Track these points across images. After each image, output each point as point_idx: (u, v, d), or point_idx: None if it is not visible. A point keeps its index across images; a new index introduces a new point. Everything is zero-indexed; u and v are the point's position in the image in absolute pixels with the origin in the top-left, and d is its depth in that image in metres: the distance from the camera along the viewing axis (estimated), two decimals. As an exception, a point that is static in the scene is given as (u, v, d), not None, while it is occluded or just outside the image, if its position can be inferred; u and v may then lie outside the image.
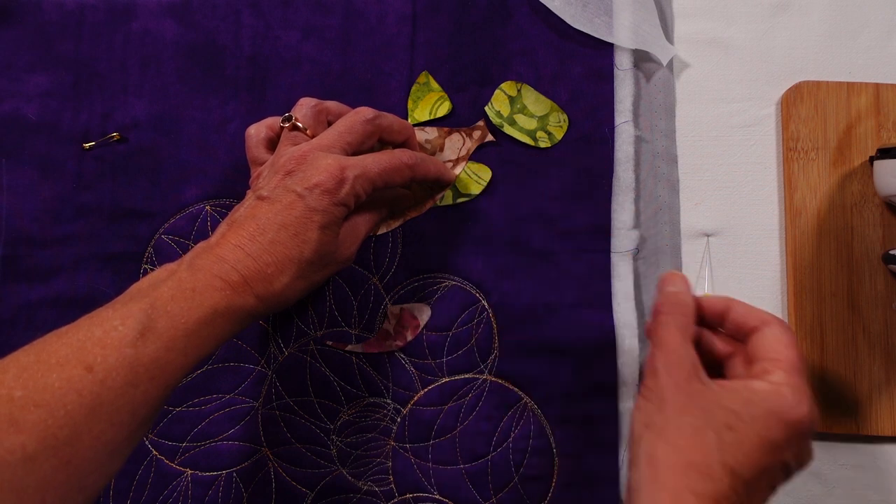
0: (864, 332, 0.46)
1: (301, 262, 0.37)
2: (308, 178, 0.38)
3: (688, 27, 0.50)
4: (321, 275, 0.40)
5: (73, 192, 0.47)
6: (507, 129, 0.48)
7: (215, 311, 0.35)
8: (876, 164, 0.45)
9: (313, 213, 0.37)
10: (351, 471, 0.46)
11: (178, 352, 0.34)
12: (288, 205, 0.37)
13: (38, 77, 0.48)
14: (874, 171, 0.45)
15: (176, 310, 0.34)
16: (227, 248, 0.36)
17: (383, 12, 0.49)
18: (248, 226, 0.37)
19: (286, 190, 0.38)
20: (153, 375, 0.33)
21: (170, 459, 0.46)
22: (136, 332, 0.32)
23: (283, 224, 0.37)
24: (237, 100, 0.48)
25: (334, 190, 0.38)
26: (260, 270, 0.36)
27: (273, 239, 0.37)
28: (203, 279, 0.35)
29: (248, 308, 0.36)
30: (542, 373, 0.46)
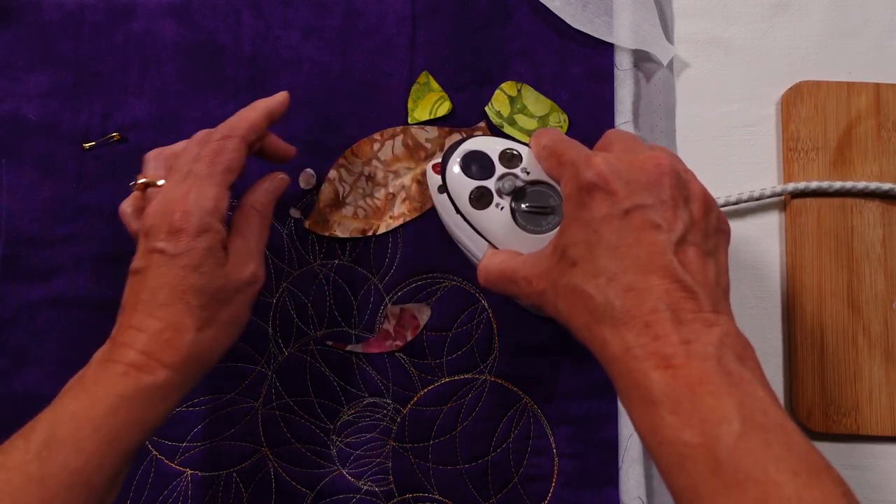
0: (864, 332, 0.46)
1: (192, 312, 0.35)
2: (160, 228, 0.36)
3: (688, 27, 0.50)
4: (231, 311, 0.37)
5: (73, 192, 0.47)
6: (507, 129, 0.48)
7: (122, 397, 0.33)
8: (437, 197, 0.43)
9: (178, 260, 0.35)
10: (351, 471, 0.46)
11: (92, 453, 0.32)
12: (154, 265, 0.36)
13: (38, 77, 0.48)
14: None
15: (79, 409, 0.33)
16: (121, 331, 0.36)
17: (383, 12, 0.49)
18: (130, 303, 0.36)
19: (148, 252, 0.36)
20: (69, 483, 0.31)
21: (170, 459, 0.46)
22: (39, 446, 0.32)
23: (157, 286, 0.36)
24: (237, 100, 0.48)
25: (182, 226, 0.36)
26: (155, 339, 0.35)
27: (154, 304, 0.35)
28: (103, 369, 0.34)
29: (160, 383, 0.34)
30: (542, 373, 0.46)
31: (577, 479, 0.45)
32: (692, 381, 0.29)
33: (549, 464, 0.46)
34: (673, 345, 0.30)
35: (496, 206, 0.40)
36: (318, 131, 0.48)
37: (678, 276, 0.31)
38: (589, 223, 0.33)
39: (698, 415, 0.29)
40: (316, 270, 0.47)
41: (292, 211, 0.47)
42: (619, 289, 0.32)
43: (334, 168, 0.48)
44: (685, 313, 0.31)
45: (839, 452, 0.46)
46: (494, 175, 0.40)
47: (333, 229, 0.47)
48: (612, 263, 0.32)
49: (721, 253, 0.34)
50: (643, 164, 0.34)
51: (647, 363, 0.30)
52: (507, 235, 0.39)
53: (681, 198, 0.34)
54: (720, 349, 0.30)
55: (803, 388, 0.46)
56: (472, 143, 0.41)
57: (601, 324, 0.32)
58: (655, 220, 0.32)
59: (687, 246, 0.33)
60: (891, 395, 0.46)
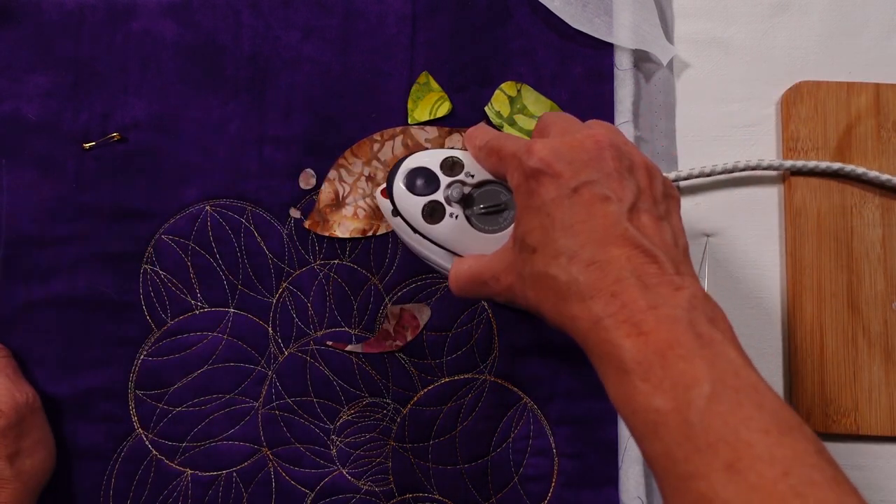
0: (863, 332, 0.46)
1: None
2: None
3: (688, 27, 0.50)
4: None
5: (73, 192, 0.47)
6: (508, 129, 0.48)
7: None
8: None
9: None
10: (351, 471, 0.46)
11: None
12: None
13: (38, 77, 0.48)
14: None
15: None
16: None
17: (383, 12, 0.49)
18: None
19: None
20: None
21: (170, 459, 0.46)
22: None
23: None
24: (237, 100, 0.48)
25: None
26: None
27: None
28: None
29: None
30: (542, 373, 0.46)
31: (577, 479, 0.45)
32: (662, 346, 0.29)
33: (549, 464, 0.46)
34: (641, 310, 0.30)
35: (450, 216, 0.40)
36: (318, 131, 0.48)
37: (637, 241, 0.32)
38: (540, 208, 0.33)
39: (669, 380, 0.29)
40: (316, 270, 0.47)
41: (292, 211, 0.48)
42: (580, 265, 0.32)
43: (334, 168, 0.48)
44: (650, 277, 0.31)
45: (839, 452, 0.46)
46: (441, 186, 0.40)
47: (333, 229, 0.47)
48: (570, 242, 0.32)
49: (674, 216, 0.35)
50: (582, 142, 0.34)
51: (618, 332, 0.30)
52: (468, 242, 0.39)
53: (624, 168, 0.34)
54: (690, 312, 0.30)
55: (803, 388, 0.46)
56: (412, 160, 0.41)
57: (568, 302, 0.32)
58: (604, 192, 0.33)
59: (639, 212, 0.33)
60: (890, 395, 0.46)
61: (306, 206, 0.48)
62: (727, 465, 0.27)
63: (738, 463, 0.27)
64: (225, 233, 0.47)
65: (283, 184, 0.48)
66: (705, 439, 0.27)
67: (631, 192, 0.33)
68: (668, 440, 0.28)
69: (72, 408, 0.46)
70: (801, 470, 0.27)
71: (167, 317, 0.47)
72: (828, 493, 0.26)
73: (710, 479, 0.27)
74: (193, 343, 0.47)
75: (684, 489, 0.28)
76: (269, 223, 0.47)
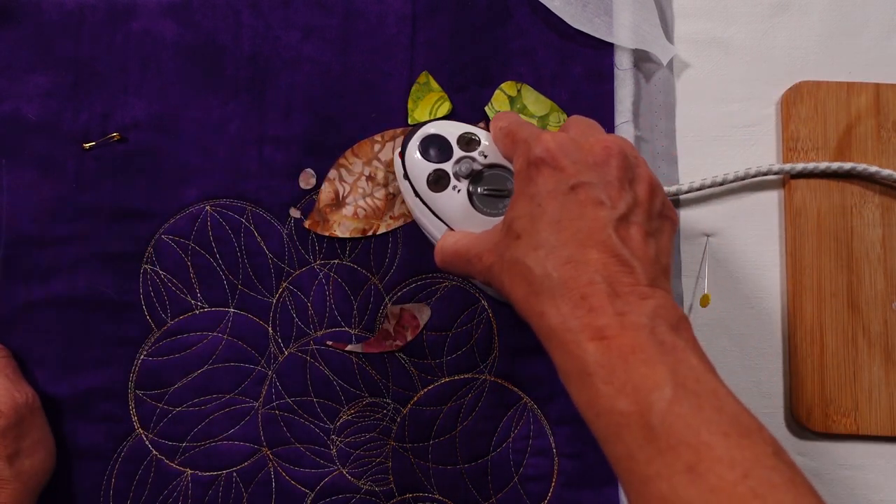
0: (863, 332, 0.46)
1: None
2: None
3: (688, 27, 0.50)
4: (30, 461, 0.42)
5: (73, 192, 0.47)
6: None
7: None
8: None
9: None
10: (351, 471, 0.46)
11: None
12: None
13: (38, 77, 0.48)
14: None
15: None
16: None
17: (383, 12, 0.49)
18: None
19: None
20: None
21: (170, 459, 0.46)
22: None
23: None
24: (237, 100, 0.48)
25: None
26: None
27: None
28: None
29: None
30: (542, 373, 0.46)
31: (577, 478, 0.45)
32: (625, 351, 0.30)
33: (549, 464, 0.46)
34: (608, 316, 0.31)
35: (453, 189, 0.40)
36: (318, 131, 0.48)
37: (616, 250, 0.32)
38: (534, 197, 0.34)
39: (631, 383, 0.29)
40: (316, 270, 0.47)
41: (292, 211, 0.48)
42: (557, 261, 0.32)
43: (334, 168, 0.48)
44: (621, 286, 0.31)
45: (839, 452, 0.46)
46: (452, 158, 0.41)
47: (333, 229, 0.47)
48: (553, 236, 0.33)
49: (664, 236, 0.35)
50: (592, 145, 0.35)
51: (583, 335, 0.31)
52: (463, 217, 0.40)
53: (626, 179, 0.34)
54: (653, 319, 0.31)
55: (803, 388, 0.46)
56: (431, 126, 0.42)
57: (539, 296, 0.32)
58: (600, 197, 0.33)
59: (629, 224, 0.33)
60: (890, 395, 0.46)
61: (306, 206, 0.48)
62: (688, 467, 0.27)
63: (699, 465, 0.27)
64: (225, 233, 0.47)
65: (283, 184, 0.48)
66: (666, 442, 0.28)
67: (626, 203, 0.33)
68: (630, 442, 0.29)
69: (72, 408, 0.46)
70: (760, 472, 0.27)
71: (167, 317, 0.47)
72: (785, 494, 0.27)
73: (672, 481, 0.28)
74: (193, 343, 0.47)
75: (646, 492, 0.28)
76: (269, 223, 0.47)
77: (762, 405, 0.47)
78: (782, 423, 0.47)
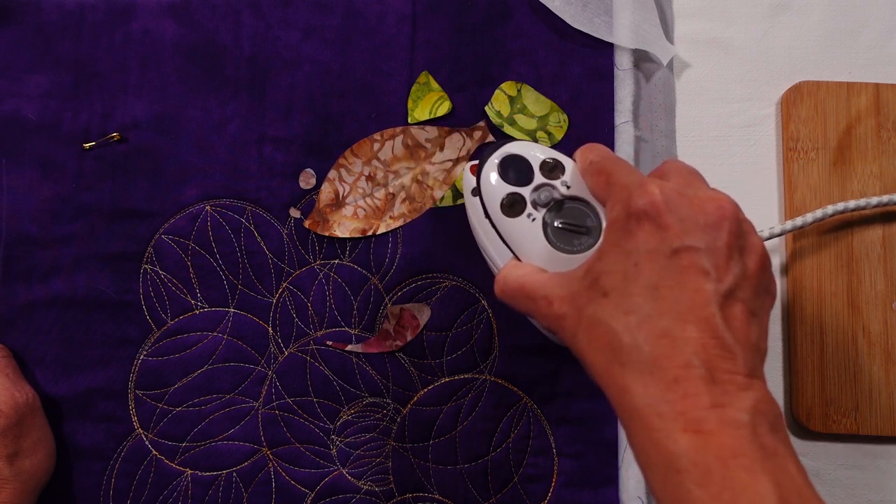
0: (863, 332, 0.46)
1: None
2: None
3: (688, 27, 0.50)
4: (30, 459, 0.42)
5: (73, 192, 0.47)
6: (508, 129, 0.48)
7: None
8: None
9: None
10: (351, 471, 0.46)
11: None
12: None
13: (38, 77, 0.48)
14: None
15: None
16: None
17: (383, 12, 0.49)
18: None
19: None
20: None
21: (170, 459, 0.46)
22: None
23: None
24: (237, 100, 0.48)
25: None
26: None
27: None
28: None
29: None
30: (542, 373, 0.46)
31: (576, 479, 0.45)
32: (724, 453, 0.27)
33: (548, 464, 0.46)
34: (704, 407, 0.27)
35: (528, 217, 0.37)
36: (318, 131, 0.48)
37: (719, 331, 0.29)
38: (631, 254, 0.31)
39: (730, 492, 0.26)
40: (316, 270, 0.47)
41: (292, 211, 0.48)
42: (651, 333, 0.29)
43: (334, 168, 0.48)
44: (720, 373, 0.28)
45: (839, 452, 0.46)
46: (532, 183, 0.37)
47: (333, 229, 0.47)
48: (649, 304, 0.29)
49: (765, 315, 0.32)
50: (703, 203, 0.31)
51: (674, 423, 0.28)
52: (533, 249, 0.37)
53: (737, 248, 0.31)
54: (755, 417, 0.28)
55: (803, 388, 0.46)
56: (514, 146, 0.38)
57: (624, 367, 0.29)
58: (705, 266, 0.30)
59: (734, 301, 0.30)
60: (891, 395, 0.46)
61: (306, 206, 0.48)
62: None
63: None
64: (225, 233, 0.47)
65: (283, 184, 0.48)
66: None
67: (734, 276, 0.30)
68: None
69: (72, 408, 0.46)
70: None
71: (167, 317, 0.47)
72: None
73: None
74: (193, 343, 0.47)
75: None
76: (269, 223, 0.47)
77: (762, 405, 0.47)
78: (782, 423, 0.47)
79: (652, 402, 0.28)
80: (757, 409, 0.28)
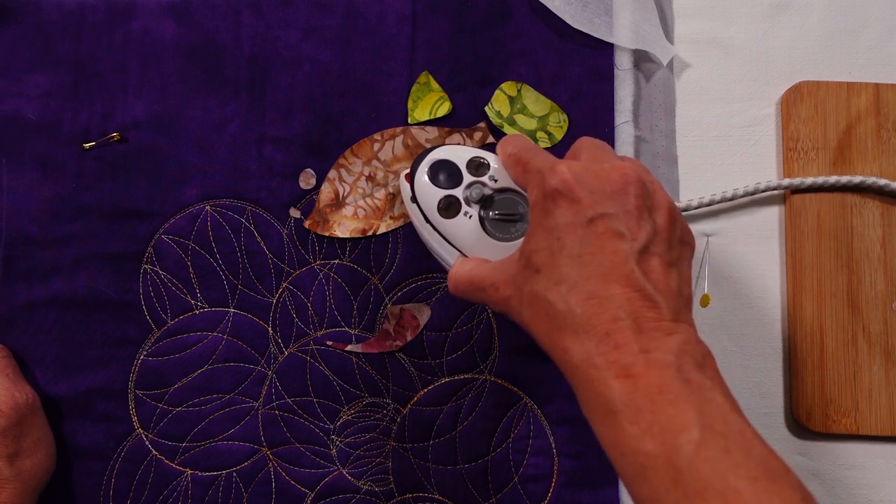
0: (863, 332, 0.46)
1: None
2: None
3: (688, 27, 0.50)
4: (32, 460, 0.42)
5: (73, 192, 0.47)
6: (508, 129, 0.48)
7: None
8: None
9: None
10: (351, 471, 0.46)
11: None
12: None
13: (38, 77, 0.48)
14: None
15: None
16: None
17: (383, 12, 0.49)
18: None
19: None
20: None
21: (170, 459, 0.46)
22: None
23: None
24: (237, 100, 0.48)
25: None
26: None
27: None
28: None
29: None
30: (542, 373, 0.46)
31: (576, 479, 0.45)
32: (651, 391, 0.29)
33: (548, 464, 0.46)
34: (633, 353, 0.30)
35: (464, 215, 0.40)
36: (318, 131, 0.48)
37: (640, 285, 0.31)
38: (552, 230, 0.33)
39: (658, 424, 0.29)
40: (316, 270, 0.47)
41: (292, 211, 0.48)
42: (580, 297, 0.32)
43: (334, 168, 0.48)
44: (646, 322, 0.31)
45: (839, 452, 0.46)
46: (462, 183, 0.40)
47: (333, 229, 0.47)
48: (575, 271, 0.32)
49: (684, 264, 0.34)
50: (608, 173, 0.34)
51: (608, 372, 0.30)
52: (476, 243, 0.39)
53: (645, 207, 0.33)
54: (680, 357, 0.30)
55: (803, 388, 0.46)
56: (440, 151, 0.41)
57: (562, 332, 0.32)
58: (619, 228, 0.32)
59: (650, 256, 0.33)
60: (890, 395, 0.46)
61: (306, 206, 0.48)
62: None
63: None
64: (225, 233, 0.47)
65: (283, 184, 0.48)
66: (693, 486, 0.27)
67: (646, 234, 0.33)
68: (656, 485, 0.28)
69: (72, 408, 0.46)
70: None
71: (167, 317, 0.47)
72: None
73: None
74: (193, 343, 0.47)
75: None
76: (269, 223, 0.47)
77: (762, 405, 0.47)
78: (782, 423, 0.47)
79: (588, 356, 0.31)
80: (682, 350, 0.30)
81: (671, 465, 0.28)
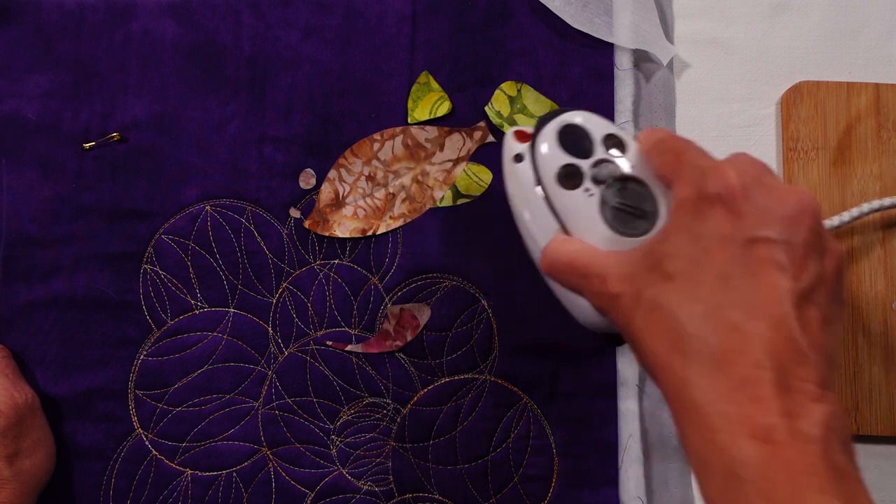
0: (864, 332, 0.46)
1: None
2: None
3: (688, 27, 0.50)
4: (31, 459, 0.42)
5: (73, 192, 0.47)
6: (507, 129, 0.48)
7: None
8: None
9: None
10: (351, 471, 0.46)
11: None
12: None
13: (38, 77, 0.48)
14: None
15: None
16: None
17: (383, 12, 0.49)
18: None
19: None
20: None
21: (170, 459, 0.46)
22: None
23: None
24: (237, 100, 0.48)
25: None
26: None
27: None
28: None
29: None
30: (542, 373, 0.46)
31: (577, 479, 0.45)
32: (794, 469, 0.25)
33: (549, 464, 0.46)
34: (775, 414, 0.25)
35: (585, 191, 0.34)
36: (318, 131, 0.48)
37: (792, 333, 0.26)
38: (700, 238, 0.29)
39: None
40: (316, 270, 0.47)
41: (292, 211, 0.48)
42: (718, 325, 0.27)
43: (334, 168, 0.48)
44: (793, 379, 0.26)
45: (839, 452, 0.46)
46: (592, 157, 0.35)
47: (333, 229, 0.47)
48: (719, 294, 0.27)
49: (839, 326, 0.29)
50: (783, 194, 0.29)
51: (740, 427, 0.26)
52: (585, 225, 0.34)
53: (816, 247, 0.28)
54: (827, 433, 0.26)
55: (803, 388, 0.46)
56: (575, 115, 0.36)
57: (686, 358, 0.27)
58: (782, 260, 0.27)
59: (810, 304, 0.27)
60: (891, 395, 0.46)
61: (306, 206, 0.48)
62: None
63: None
64: (225, 233, 0.47)
65: (283, 184, 0.48)
66: None
67: (811, 276, 0.28)
68: None
69: (72, 408, 0.46)
70: None
71: (167, 317, 0.47)
72: None
73: None
74: (193, 343, 0.47)
75: None
76: (269, 223, 0.47)
77: (762, 405, 0.47)
78: (782, 423, 0.47)
79: (716, 400, 0.26)
80: (829, 424, 0.26)
81: None
